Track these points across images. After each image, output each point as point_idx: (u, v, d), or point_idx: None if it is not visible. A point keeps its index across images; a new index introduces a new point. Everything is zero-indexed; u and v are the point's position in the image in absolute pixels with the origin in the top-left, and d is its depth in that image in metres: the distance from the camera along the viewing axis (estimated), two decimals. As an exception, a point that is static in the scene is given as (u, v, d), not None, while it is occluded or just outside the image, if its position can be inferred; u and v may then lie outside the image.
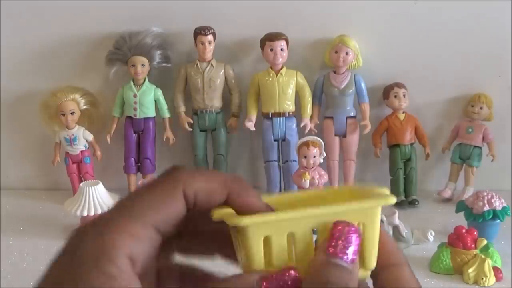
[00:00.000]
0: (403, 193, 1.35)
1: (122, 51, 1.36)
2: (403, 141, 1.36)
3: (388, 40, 1.38)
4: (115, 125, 1.40)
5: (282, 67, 1.35)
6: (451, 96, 1.41)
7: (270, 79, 1.34)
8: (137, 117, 1.38)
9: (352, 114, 1.37)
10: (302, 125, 1.36)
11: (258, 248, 0.33)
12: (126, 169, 1.42)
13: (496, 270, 1.02)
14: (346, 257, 0.33)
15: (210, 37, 1.34)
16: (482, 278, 1.00)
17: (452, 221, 1.15)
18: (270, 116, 1.36)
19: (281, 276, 0.33)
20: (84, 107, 1.39)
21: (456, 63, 1.38)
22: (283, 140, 1.37)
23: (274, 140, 1.37)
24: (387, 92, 1.37)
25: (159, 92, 1.39)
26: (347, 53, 1.34)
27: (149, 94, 1.38)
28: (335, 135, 1.37)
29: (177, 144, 1.43)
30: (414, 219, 1.24)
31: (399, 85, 1.36)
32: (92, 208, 1.15)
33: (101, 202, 1.17)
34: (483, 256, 1.02)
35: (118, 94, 1.39)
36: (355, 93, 1.36)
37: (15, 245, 1.18)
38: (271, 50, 1.32)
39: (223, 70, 1.38)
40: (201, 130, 1.40)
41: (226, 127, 1.41)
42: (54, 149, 1.40)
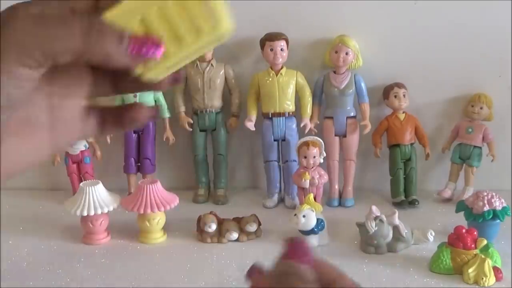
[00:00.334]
0: (403, 193, 1.36)
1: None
2: (403, 141, 1.36)
3: (388, 40, 1.38)
4: (115, 125, 1.40)
5: (282, 67, 1.35)
6: (451, 96, 1.41)
7: (270, 79, 1.35)
8: (137, 117, 1.38)
9: (352, 114, 1.37)
10: (302, 125, 1.36)
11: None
12: (126, 169, 1.42)
13: (496, 270, 1.02)
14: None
15: (210, 37, 1.34)
16: (482, 278, 1.00)
17: (452, 221, 1.15)
18: (270, 116, 1.36)
19: (146, 40, 0.38)
20: (84, 107, 1.39)
21: (456, 63, 1.38)
22: (283, 140, 1.37)
23: (274, 140, 1.37)
24: (387, 92, 1.37)
25: (159, 92, 1.39)
26: (347, 53, 1.34)
27: (149, 94, 1.38)
28: (335, 135, 1.37)
29: (177, 144, 1.43)
30: (414, 219, 1.24)
31: (399, 85, 1.36)
32: (92, 208, 1.15)
33: (101, 202, 1.16)
34: (483, 256, 1.02)
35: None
36: (355, 93, 1.36)
37: (15, 245, 1.18)
38: (271, 50, 1.33)
39: (223, 70, 1.38)
40: (201, 130, 1.40)
41: (226, 127, 1.41)
42: (54, 149, 1.40)
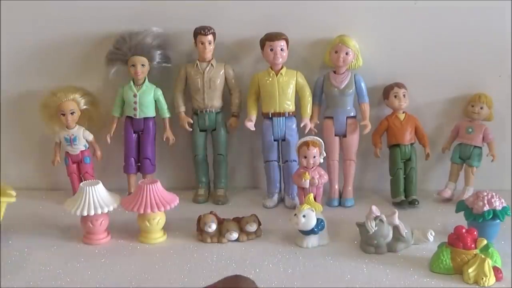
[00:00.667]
0: (403, 193, 1.36)
1: (122, 51, 1.36)
2: (403, 141, 1.36)
3: (388, 40, 1.38)
4: (115, 125, 1.40)
5: (282, 67, 1.35)
6: (451, 96, 1.41)
7: (270, 79, 1.34)
8: (137, 117, 1.38)
9: (352, 114, 1.37)
10: (302, 125, 1.36)
11: None
12: (126, 169, 1.42)
13: (496, 270, 1.02)
14: None
15: (210, 37, 1.34)
16: (482, 278, 1.00)
17: (452, 221, 1.15)
18: (270, 116, 1.36)
19: None
20: (84, 107, 1.39)
21: (456, 63, 1.38)
22: (283, 140, 1.37)
23: (274, 140, 1.37)
24: (387, 92, 1.37)
25: (159, 92, 1.39)
26: (347, 53, 1.34)
27: (149, 94, 1.38)
28: (335, 135, 1.37)
29: (177, 144, 1.43)
30: (414, 219, 1.24)
31: (399, 85, 1.36)
32: (92, 208, 1.15)
33: (101, 202, 1.16)
34: (483, 256, 1.02)
35: (118, 94, 1.39)
36: (355, 93, 1.36)
37: (15, 245, 1.18)
38: (271, 50, 1.33)
39: (223, 70, 1.38)
40: (201, 130, 1.40)
41: (226, 127, 1.41)
42: (54, 149, 1.41)
